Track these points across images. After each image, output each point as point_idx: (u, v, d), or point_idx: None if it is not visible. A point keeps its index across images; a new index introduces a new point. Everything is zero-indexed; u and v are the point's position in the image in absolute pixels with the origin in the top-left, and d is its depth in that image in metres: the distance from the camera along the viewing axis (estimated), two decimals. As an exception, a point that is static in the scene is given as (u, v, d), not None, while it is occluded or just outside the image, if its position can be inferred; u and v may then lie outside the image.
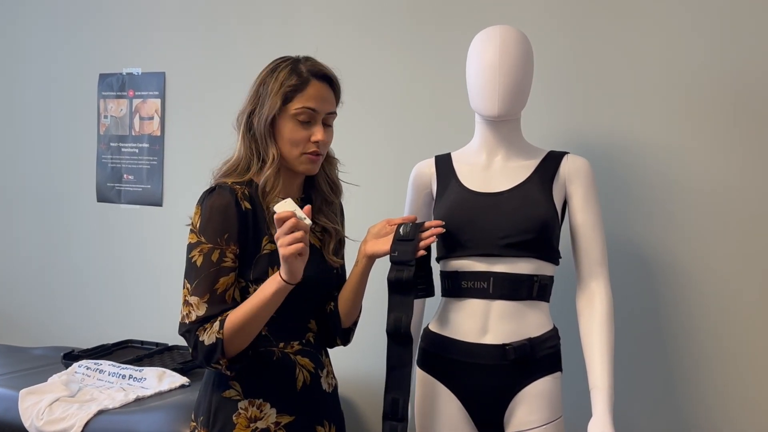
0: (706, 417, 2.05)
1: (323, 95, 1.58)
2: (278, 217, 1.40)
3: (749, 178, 2.00)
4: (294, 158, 1.58)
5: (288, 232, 1.39)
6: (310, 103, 1.56)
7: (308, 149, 1.57)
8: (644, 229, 2.10)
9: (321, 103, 1.57)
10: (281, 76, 1.56)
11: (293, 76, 1.56)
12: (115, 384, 2.33)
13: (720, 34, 2.02)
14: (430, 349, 1.77)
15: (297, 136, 1.56)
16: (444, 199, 1.78)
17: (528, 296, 1.69)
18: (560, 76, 2.18)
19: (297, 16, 2.58)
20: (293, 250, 1.39)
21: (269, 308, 1.48)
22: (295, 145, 1.57)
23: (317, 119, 1.57)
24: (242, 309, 1.48)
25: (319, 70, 1.58)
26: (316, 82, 1.57)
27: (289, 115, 1.56)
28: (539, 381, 1.69)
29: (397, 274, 1.62)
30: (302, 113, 1.55)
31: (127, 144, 2.96)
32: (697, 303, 2.05)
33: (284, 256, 1.40)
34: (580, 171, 1.75)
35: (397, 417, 1.63)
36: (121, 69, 2.96)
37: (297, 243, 1.39)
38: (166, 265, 2.83)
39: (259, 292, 1.48)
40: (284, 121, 1.57)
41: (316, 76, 1.57)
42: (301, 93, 1.55)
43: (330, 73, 1.60)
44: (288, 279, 1.43)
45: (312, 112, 1.56)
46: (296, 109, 1.55)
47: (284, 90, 1.55)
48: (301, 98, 1.55)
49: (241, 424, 1.55)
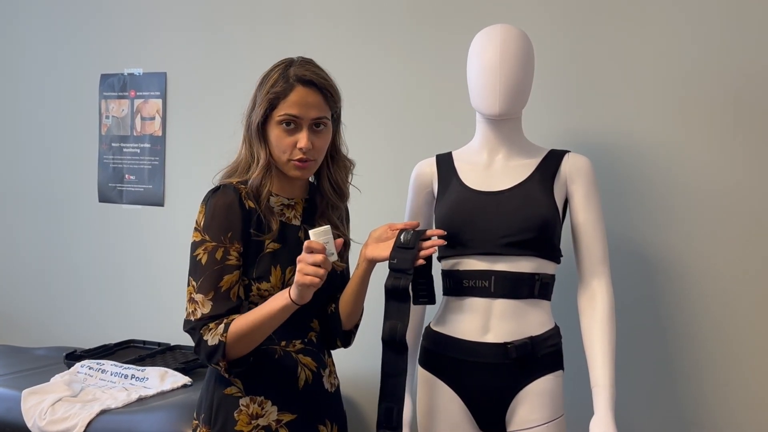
0: (708, 416, 2.05)
1: (307, 101, 1.55)
2: (309, 245, 1.43)
3: (750, 176, 2.00)
4: (283, 164, 1.59)
5: (312, 263, 1.42)
6: (292, 110, 1.55)
7: (294, 156, 1.56)
8: (645, 227, 2.10)
9: (304, 109, 1.55)
10: (271, 80, 1.57)
11: (280, 81, 1.55)
12: (118, 384, 2.34)
13: (722, 32, 2.02)
14: (431, 348, 1.77)
15: (282, 142, 1.56)
16: (445, 198, 1.78)
17: (529, 295, 1.69)
18: (561, 75, 2.18)
19: (298, 16, 2.59)
20: (308, 281, 1.42)
21: (274, 322, 1.50)
22: (282, 151, 1.57)
23: (301, 125, 1.56)
24: (248, 318, 1.49)
25: (303, 75, 1.56)
26: (300, 88, 1.55)
27: (275, 122, 1.56)
28: (541, 379, 1.69)
29: (395, 281, 1.62)
30: (285, 119, 1.55)
31: (129, 144, 2.96)
32: (699, 301, 2.05)
33: (298, 282, 1.43)
34: (581, 170, 1.75)
35: (391, 426, 1.63)
36: (122, 69, 2.96)
37: (315, 277, 1.42)
38: (167, 264, 2.83)
39: (267, 305, 1.50)
40: (271, 126, 1.57)
41: (300, 82, 1.55)
42: (284, 99, 1.55)
43: (315, 79, 1.57)
44: (296, 300, 1.46)
45: (294, 118, 1.55)
46: (280, 115, 1.55)
47: (269, 96, 1.55)
48: (284, 104, 1.55)
49: (243, 421, 1.55)
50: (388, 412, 1.63)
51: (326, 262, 1.43)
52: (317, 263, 1.42)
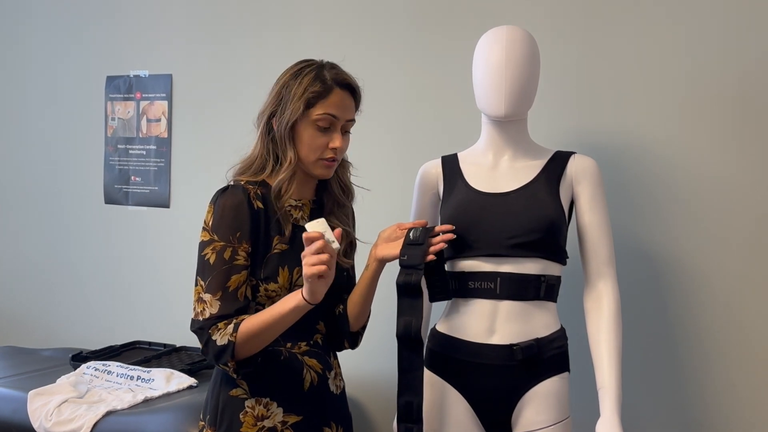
0: (715, 417, 2.04)
1: (345, 103, 1.60)
2: (307, 236, 1.43)
3: (758, 177, 1.99)
4: (310, 162, 1.60)
5: (315, 253, 1.41)
6: (331, 110, 1.58)
7: (326, 155, 1.59)
8: (651, 228, 2.09)
9: (342, 111, 1.59)
10: (305, 81, 1.58)
11: (317, 82, 1.58)
12: (123, 385, 2.34)
13: (729, 33, 2.01)
14: (437, 350, 1.77)
15: (316, 141, 1.58)
16: (451, 199, 1.78)
17: (535, 296, 1.69)
18: (567, 76, 2.18)
19: (302, 19, 2.59)
20: (315, 271, 1.41)
21: (285, 322, 1.50)
22: (314, 150, 1.59)
23: (337, 126, 1.59)
24: (259, 318, 1.49)
25: (343, 79, 1.60)
26: (339, 90, 1.59)
27: (310, 121, 1.58)
28: (547, 381, 1.69)
29: (406, 277, 1.62)
30: (323, 119, 1.57)
31: (135, 146, 2.97)
32: (705, 303, 2.05)
33: (306, 276, 1.42)
34: (587, 171, 1.75)
35: (412, 419, 1.63)
36: (128, 71, 2.97)
37: (321, 265, 1.41)
38: (173, 266, 2.84)
39: (278, 305, 1.50)
40: (305, 125, 1.58)
41: (339, 85, 1.59)
42: (323, 99, 1.57)
43: (353, 83, 1.62)
44: (309, 299, 1.45)
45: (333, 118, 1.58)
46: (318, 115, 1.57)
47: (307, 95, 1.57)
48: (323, 105, 1.57)
49: (248, 423, 1.55)
50: (408, 407, 1.63)
51: (328, 248, 1.42)
52: (319, 250, 1.41)
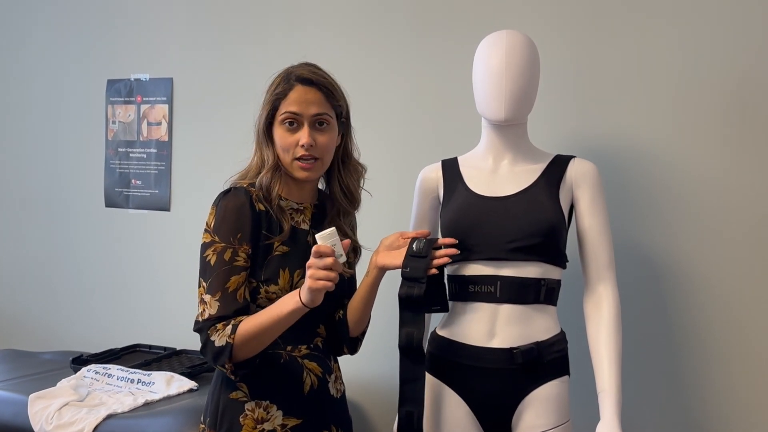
0: (714, 420, 2.04)
1: (306, 98, 1.60)
2: (317, 250, 1.44)
3: (758, 178, 2.00)
4: (288, 164, 1.62)
5: (322, 268, 1.42)
6: (292, 108, 1.59)
7: (297, 154, 1.60)
8: (651, 232, 2.09)
9: (304, 107, 1.59)
10: (274, 84, 1.63)
11: (282, 83, 1.62)
12: (124, 388, 2.34)
13: (727, 35, 2.01)
14: (437, 353, 1.77)
15: (286, 140, 1.60)
16: (451, 203, 1.78)
17: (535, 300, 1.69)
18: (567, 80, 2.18)
19: (304, 23, 2.59)
20: (321, 286, 1.43)
21: (283, 324, 1.50)
22: (286, 150, 1.61)
23: (302, 122, 1.60)
24: (257, 319, 1.50)
25: (302, 75, 1.61)
26: (299, 87, 1.60)
27: (278, 122, 1.61)
28: (547, 385, 1.69)
29: (408, 290, 1.63)
30: (287, 118, 1.60)
31: (135, 149, 2.97)
32: (705, 306, 2.05)
33: (311, 288, 1.44)
34: (586, 175, 1.75)
35: (413, 429, 1.64)
36: (129, 75, 2.98)
37: (327, 281, 1.42)
38: (173, 269, 2.84)
39: (276, 307, 1.50)
40: (276, 127, 1.62)
41: (299, 81, 1.61)
42: (285, 98, 1.60)
43: (313, 77, 1.62)
44: (307, 303, 1.46)
45: (294, 115, 1.59)
46: (281, 114, 1.60)
47: (272, 97, 1.62)
48: (285, 103, 1.60)
49: (248, 426, 1.56)
50: (409, 417, 1.64)
51: (336, 265, 1.44)
52: (328, 266, 1.43)
